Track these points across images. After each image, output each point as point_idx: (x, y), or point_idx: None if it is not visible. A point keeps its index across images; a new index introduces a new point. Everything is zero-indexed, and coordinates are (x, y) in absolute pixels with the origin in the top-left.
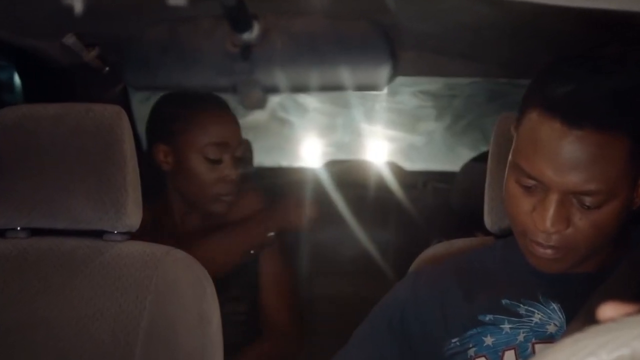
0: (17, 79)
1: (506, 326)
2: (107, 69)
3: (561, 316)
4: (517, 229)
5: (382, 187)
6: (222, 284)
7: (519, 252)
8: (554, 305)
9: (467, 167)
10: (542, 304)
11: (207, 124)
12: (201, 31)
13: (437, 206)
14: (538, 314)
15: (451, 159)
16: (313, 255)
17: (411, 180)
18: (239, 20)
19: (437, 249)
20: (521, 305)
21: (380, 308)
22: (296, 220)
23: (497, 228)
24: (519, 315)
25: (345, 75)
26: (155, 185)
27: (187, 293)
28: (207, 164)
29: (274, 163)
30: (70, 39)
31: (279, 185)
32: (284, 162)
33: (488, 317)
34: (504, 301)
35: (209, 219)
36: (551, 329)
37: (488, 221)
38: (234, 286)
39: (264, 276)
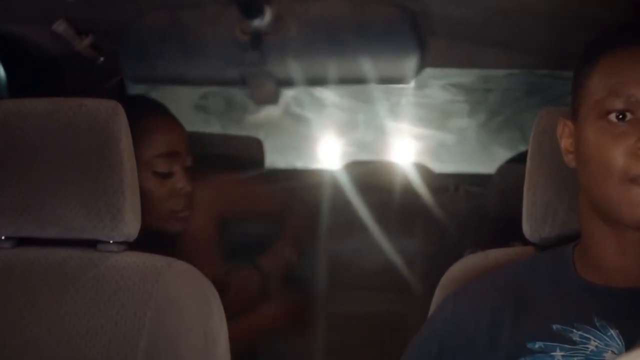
0: (1, 70)
1: (558, 354)
2: (101, 59)
3: (620, 343)
4: (614, 181)
5: (409, 191)
6: None
7: (570, 265)
8: (612, 332)
9: (503, 169)
10: (598, 330)
11: (153, 133)
12: (206, 17)
13: (470, 212)
14: (594, 340)
15: (486, 160)
16: (331, 268)
17: (441, 184)
18: (249, 5)
19: (470, 260)
20: (574, 331)
21: (420, 345)
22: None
23: (538, 237)
24: (573, 342)
25: (368, 66)
26: None
27: (192, 309)
28: (157, 179)
29: (287, 164)
30: (60, 26)
31: (293, 189)
32: (299, 164)
33: (537, 345)
34: (555, 326)
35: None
36: (609, 357)
37: (527, 229)
38: None
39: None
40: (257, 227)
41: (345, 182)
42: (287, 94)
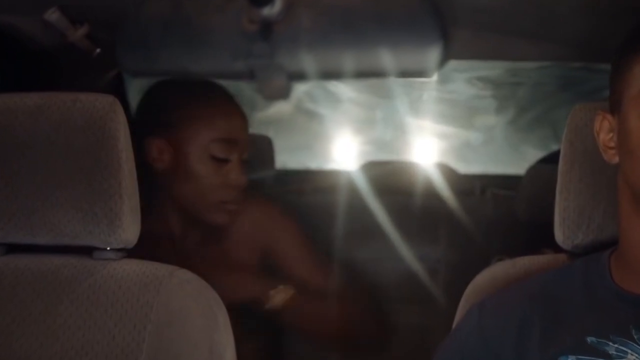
0: None
1: None
2: (97, 50)
3: None
4: None
5: (431, 194)
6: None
7: (606, 273)
8: None
9: (534, 170)
10: (636, 343)
11: (215, 116)
12: (212, 5)
13: (497, 217)
14: (632, 354)
15: (515, 160)
16: (347, 278)
17: (466, 186)
18: None
19: (498, 268)
20: (610, 344)
21: (443, 359)
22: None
23: (571, 243)
24: (608, 356)
25: (387, 58)
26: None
27: (196, 323)
28: (212, 164)
29: (299, 165)
30: (53, 15)
31: (306, 192)
32: (312, 164)
33: (570, 359)
34: (589, 339)
35: (209, 235)
36: None
37: (559, 235)
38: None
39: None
40: None
41: (362, 184)
42: (299, 88)
